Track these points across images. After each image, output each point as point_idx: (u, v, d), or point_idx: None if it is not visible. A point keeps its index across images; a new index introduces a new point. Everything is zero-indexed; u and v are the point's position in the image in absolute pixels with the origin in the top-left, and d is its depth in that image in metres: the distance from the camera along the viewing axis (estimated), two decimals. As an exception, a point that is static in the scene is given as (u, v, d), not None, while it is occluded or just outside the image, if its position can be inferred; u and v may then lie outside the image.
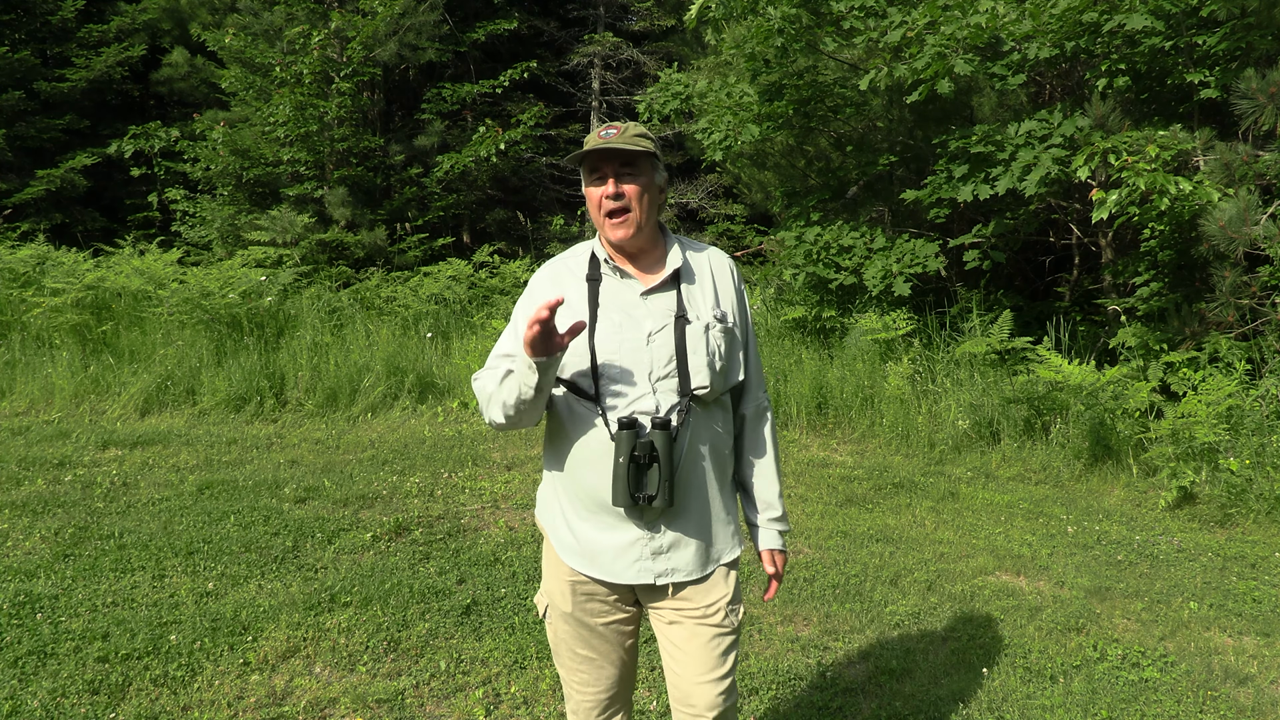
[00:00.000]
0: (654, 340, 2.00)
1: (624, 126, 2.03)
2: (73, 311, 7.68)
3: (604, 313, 2.03)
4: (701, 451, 2.04)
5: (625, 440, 1.93)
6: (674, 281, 2.07)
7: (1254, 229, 5.62)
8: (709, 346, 2.01)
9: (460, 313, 8.96)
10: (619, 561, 2.03)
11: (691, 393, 1.99)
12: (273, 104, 10.63)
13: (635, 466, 1.93)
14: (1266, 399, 5.73)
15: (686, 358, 1.99)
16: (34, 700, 2.95)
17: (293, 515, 4.71)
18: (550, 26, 15.40)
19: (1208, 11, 6.11)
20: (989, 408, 6.43)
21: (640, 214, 2.01)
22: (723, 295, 2.11)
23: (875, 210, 8.47)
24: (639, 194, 2.01)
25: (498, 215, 13.62)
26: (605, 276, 2.07)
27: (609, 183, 1.99)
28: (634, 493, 1.94)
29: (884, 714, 3.12)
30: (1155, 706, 3.24)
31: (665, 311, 2.04)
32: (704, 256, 2.16)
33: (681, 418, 1.99)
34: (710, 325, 2.03)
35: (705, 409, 2.04)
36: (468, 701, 3.08)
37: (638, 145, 1.98)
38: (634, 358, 1.99)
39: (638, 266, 2.09)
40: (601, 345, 2.00)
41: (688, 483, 2.03)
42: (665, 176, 2.12)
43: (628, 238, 2.01)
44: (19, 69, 12.76)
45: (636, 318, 2.02)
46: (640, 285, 2.05)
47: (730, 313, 2.10)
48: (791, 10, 7.33)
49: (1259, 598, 4.18)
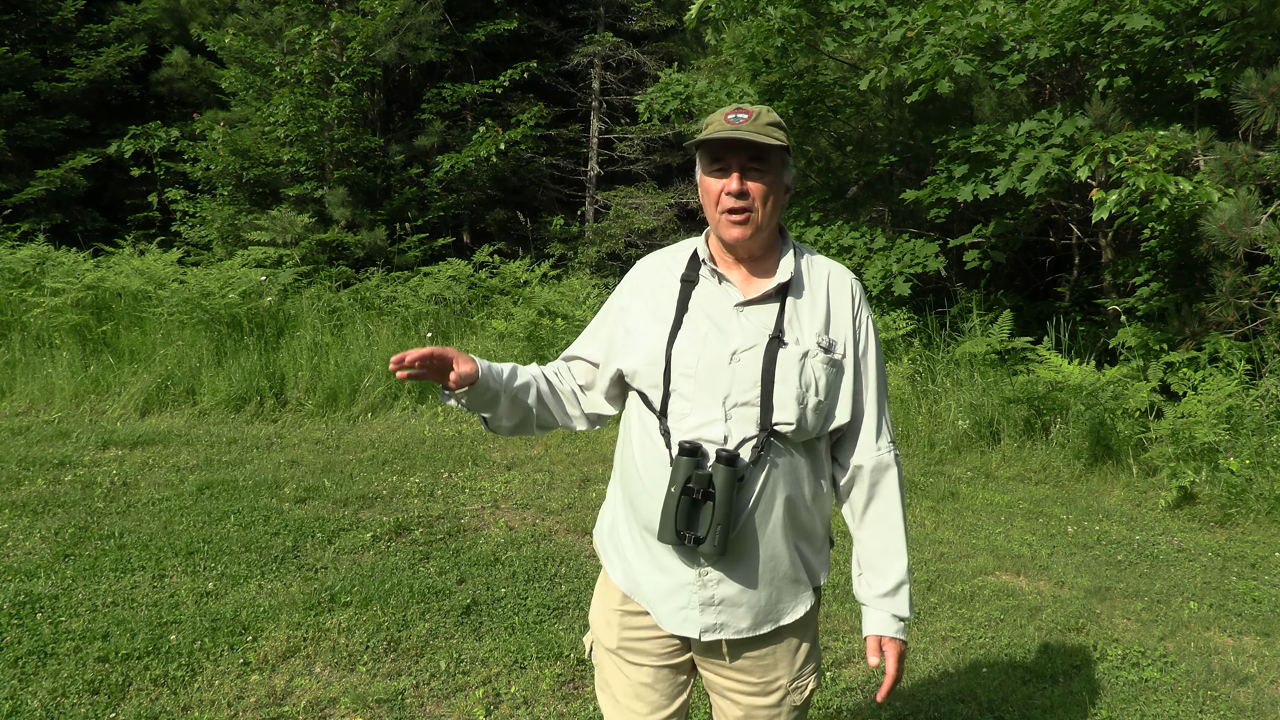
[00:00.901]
0: (739, 360, 1.73)
1: (756, 111, 1.76)
2: (73, 311, 7.67)
3: (690, 320, 1.79)
4: (776, 498, 1.74)
5: (682, 468, 1.68)
6: (779, 295, 1.79)
7: (1254, 229, 5.62)
8: (804, 377, 1.72)
9: (460, 313, 8.96)
10: (665, 605, 1.80)
11: (773, 428, 1.71)
12: (273, 104, 10.63)
13: (689, 500, 1.68)
14: (1266, 399, 5.73)
15: (773, 385, 1.71)
16: (34, 700, 2.95)
17: (293, 515, 4.71)
18: (550, 26, 15.39)
19: (1208, 11, 6.11)
20: (989, 408, 6.43)
21: (763, 216, 1.76)
22: (836, 320, 1.81)
23: (875, 210, 8.47)
24: (765, 194, 1.75)
25: (498, 215, 13.61)
26: (702, 279, 1.83)
27: (733, 177, 1.73)
28: (680, 530, 1.69)
29: (884, 714, 3.12)
30: (1155, 706, 3.24)
31: (760, 329, 1.76)
32: (823, 271, 1.85)
33: (755, 454, 1.71)
34: (811, 352, 1.74)
35: (790, 450, 1.75)
36: (468, 701, 3.08)
37: (772, 137, 1.72)
38: (712, 376, 1.73)
39: (744, 273, 1.83)
40: (679, 356, 1.75)
41: (752, 531, 1.74)
42: (794, 174, 1.86)
43: (744, 239, 1.76)
44: (19, 69, 12.75)
45: (726, 331, 1.76)
46: (738, 294, 1.79)
47: (842, 342, 1.79)
48: (791, 10, 7.33)
49: (1259, 598, 4.18)
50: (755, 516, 1.74)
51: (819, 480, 1.82)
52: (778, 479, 1.74)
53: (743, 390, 1.72)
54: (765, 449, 1.72)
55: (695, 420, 1.73)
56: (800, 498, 1.77)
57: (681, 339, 1.77)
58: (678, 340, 1.77)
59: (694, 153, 1.86)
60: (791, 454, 1.75)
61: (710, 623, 1.77)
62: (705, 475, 1.68)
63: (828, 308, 1.81)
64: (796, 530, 1.79)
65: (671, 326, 1.79)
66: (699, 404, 1.73)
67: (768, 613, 1.79)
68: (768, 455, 1.72)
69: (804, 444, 1.77)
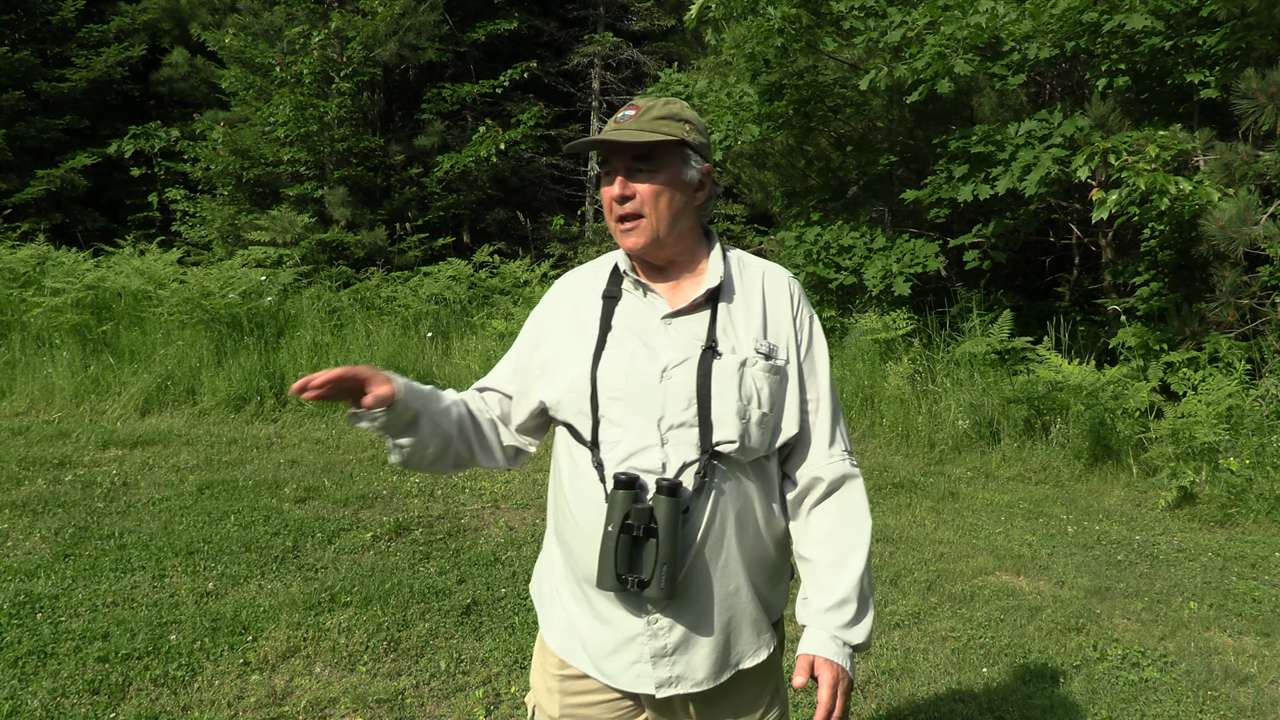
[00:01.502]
0: (670, 376, 1.56)
1: (647, 106, 1.61)
2: (73, 311, 7.67)
3: (615, 338, 1.62)
4: (727, 529, 1.57)
5: (619, 503, 1.50)
6: (710, 302, 1.63)
7: (1254, 229, 5.62)
8: (744, 389, 1.56)
9: (460, 313, 8.96)
10: (613, 661, 1.61)
11: (714, 449, 1.54)
12: (273, 104, 10.63)
13: (629, 539, 1.50)
14: (1266, 399, 5.73)
15: (710, 402, 1.54)
16: (34, 700, 2.95)
17: (293, 515, 4.71)
18: (550, 26, 15.40)
19: (1208, 11, 6.11)
20: (989, 408, 6.43)
21: (656, 220, 1.59)
22: (775, 322, 1.65)
23: (875, 210, 8.47)
24: (654, 195, 1.59)
25: (498, 215, 13.62)
26: (625, 294, 1.67)
27: (616, 182, 1.60)
28: (622, 573, 1.51)
29: (884, 714, 3.12)
30: (1155, 706, 3.24)
31: (691, 341, 1.60)
32: (757, 272, 1.70)
33: (699, 481, 1.54)
34: (750, 360, 1.58)
35: (737, 473, 1.58)
36: (468, 701, 3.08)
37: (655, 133, 1.56)
38: (643, 398, 1.56)
39: (668, 282, 1.67)
40: (605, 378, 1.59)
41: (703, 568, 1.57)
42: (704, 168, 1.65)
43: (639, 248, 1.61)
44: (19, 69, 12.75)
45: (654, 347, 1.60)
46: (665, 305, 1.63)
47: (784, 346, 1.63)
48: (791, 10, 7.33)
49: (1259, 598, 4.18)
50: (705, 551, 1.56)
51: (771, 504, 1.65)
52: (726, 506, 1.57)
53: (678, 410, 1.55)
54: (709, 473, 1.54)
55: (628, 448, 1.56)
56: (753, 526, 1.61)
57: (607, 360, 1.60)
58: (603, 361, 1.60)
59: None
60: (739, 477, 1.58)
61: (665, 676, 1.58)
62: (645, 509, 1.50)
63: (764, 310, 1.65)
64: (752, 563, 1.61)
65: (595, 347, 1.62)
66: (631, 429, 1.56)
67: (727, 659, 1.61)
68: (712, 480, 1.55)
69: (752, 464, 1.60)
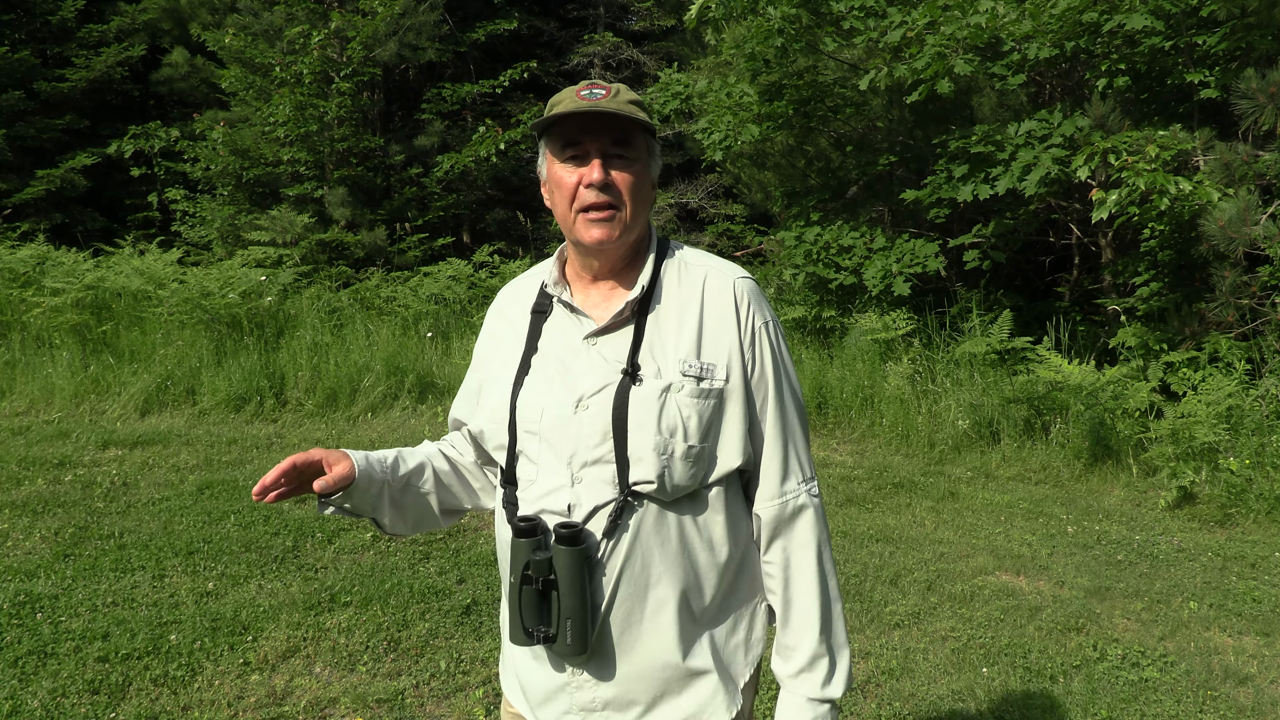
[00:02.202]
0: (586, 408, 1.39)
1: (614, 88, 1.43)
2: (73, 311, 7.67)
3: (539, 362, 1.46)
4: (651, 575, 1.39)
5: (520, 551, 1.37)
6: (639, 316, 1.43)
7: (1254, 229, 5.62)
8: (665, 419, 1.36)
9: (460, 313, 8.96)
10: (547, 708, 1.47)
11: (631, 488, 1.36)
12: (273, 104, 10.63)
13: (532, 590, 1.37)
14: (1266, 399, 5.73)
15: (626, 435, 1.36)
16: (34, 700, 2.95)
17: (293, 515, 4.71)
18: (550, 26, 15.40)
19: (1208, 11, 6.11)
20: (989, 408, 6.43)
21: (631, 213, 1.42)
22: (712, 336, 1.43)
23: (875, 210, 8.47)
24: (633, 186, 1.41)
25: (498, 215, 13.62)
26: (555, 308, 1.49)
27: (593, 165, 1.39)
28: (528, 626, 1.39)
29: (884, 714, 3.13)
30: (1155, 706, 3.24)
31: (613, 365, 1.41)
32: (698, 276, 1.47)
33: (610, 524, 1.37)
34: (675, 385, 1.38)
35: (668, 510, 1.39)
36: (468, 701, 3.08)
37: (639, 114, 1.40)
38: (559, 432, 1.40)
39: (604, 291, 1.49)
40: (523, 409, 1.43)
41: (627, 619, 1.40)
42: (659, 166, 1.51)
43: (610, 240, 1.41)
44: (19, 69, 12.75)
45: (574, 373, 1.42)
46: (590, 323, 1.45)
47: (724, 365, 1.41)
48: (791, 10, 7.33)
49: (1259, 598, 4.18)
50: (624, 602, 1.39)
51: (722, 544, 1.44)
52: (650, 551, 1.39)
53: (590, 445, 1.38)
54: (624, 515, 1.37)
55: (542, 488, 1.41)
56: (690, 571, 1.41)
57: (528, 388, 1.44)
58: (523, 389, 1.44)
59: (539, 140, 1.49)
60: (668, 517, 1.39)
61: None
62: (544, 560, 1.35)
63: (700, 323, 1.43)
64: (695, 612, 1.42)
65: (516, 372, 1.46)
66: (545, 467, 1.41)
67: (672, 717, 1.43)
68: (627, 523, 1.37)
69: (687, 500, 1.40)
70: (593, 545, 1.37)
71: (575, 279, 1.52)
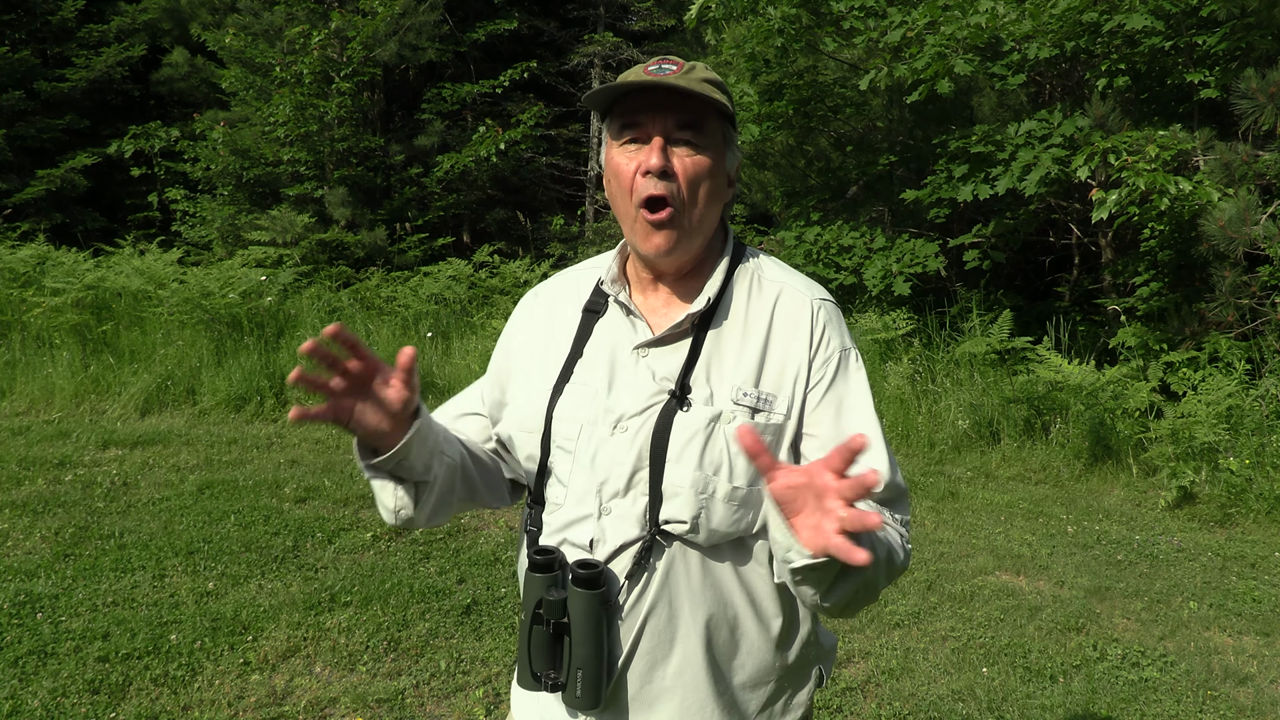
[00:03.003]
0: (624, 429, 1.22)
1: (688, 65, 1.22)
2: (73, 311, 7.67)
3: (584, 368, 1.28)
4: (679, 627, 1.22)
5: (534, 587, 1.22)
6: (699, 330, 1.25)
7: (1254, 229, 5.62)
8: (709, 453, 1.19)
9: (460, 313, 8.96)
10: None
11: (660, 527, 1.20)
12: (273, 104, 10.63)
13: (543, 632, 1.22)
14: (1266, 399, 5.73)
15: (663, 468, 1.19)
16: (34, 700, 2.95)
17: (293, 515, 4.71)
18: (550, 26, 15.40)
19: (1208, 11, 6.11)
20: (989, 408, 6.43)
21: (696, 213, 1.22)
22: (778, 364, 1.24)
23: (875, 210, 8.47)
24: (699, 177, 1.20)
25: (498, 215, 13.62)
26: (611, 308, 1.31)
27: (654, 145, 1.18)
28: (537, 671, 1.23)
29: (884, 714, 3.13)
30: (1155, 706, 3.24)
31: (660, 382, 1.23)
32: (771, 292, 1.28)
33: (635, 565, 1.20)
34: (725, 416, 1.20)
35: (707, 557, 1.22)
36: (468, 701, 3.08)
37: (709, 93, 1.18)
38: (593, 452, 1.23)
39: (666, 296, 1.30)
40: (559, 423, 1.27)
41: (649, 676, 1.24)
42: (739, 160, 1.30)
43: (670, 250, 1.22)
44: (19, 69, 12.75)
45: (619, 386, 1.25)
46: (646, 330, 1.27)
47: (784, 398, 1.22)
48: (791, 10, 7.33)
49: (1259, 598, 4.18)
50: (645, 655, 1.23)
51: (782, 595, 1.26)
52: (679, 601, 1.21)
53: (623, 474, 1.21)
54: (651, 555, 1.20)
55: (567, 515, 1.25)
56: (729, 626, 1.24)
57: (566, 398, 1.27)
58: (562, 398, 1.27)
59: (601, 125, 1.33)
60: (704, 562, 1.22)
61: None
62: (558, 601, 1.19)
63: (765, 346, 1.24)
64: (727, 676, 1.26)
65: (557, 378, 1.29)
66: (574, 492, 1.25)
67: None
68: (654, 564, 1.20)
69: (731, 546, 1.23)
70: (614, 590, 1.21)
71: (635, 279, 1.32)
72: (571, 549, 1.24)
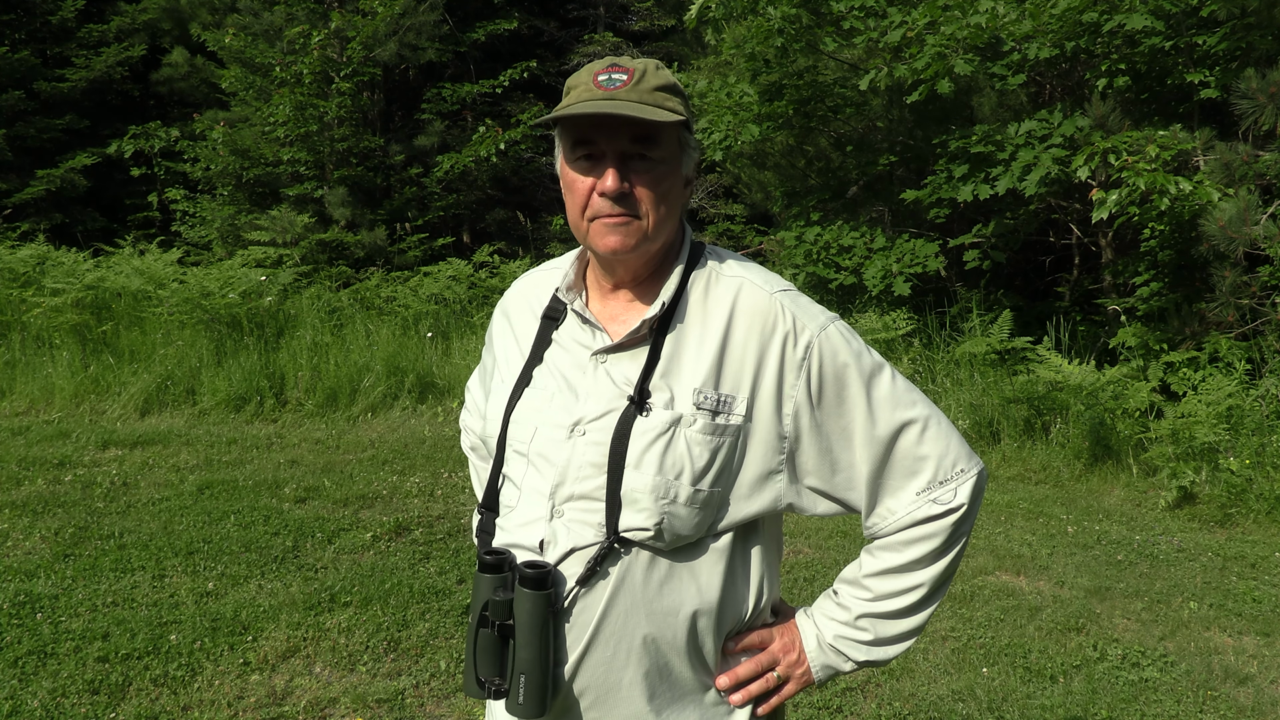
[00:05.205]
0: (583, 433, 1.23)
1: (639, 69, 1.21)
2: (73, 311, 7.67)
3: (542, 374, 1.30)
4: (634, 634, 1.21)
5: (481, 588, 1.21)
6: (658, 335, 1.25)
7: (1254, 229, 5.62)
8: (670, 458, 1.19)
9: (460, 313, 8.96)
10: None
11: (619, 534, 1.20)
12: (273, 104, 10.63)
13: (489, 635, 1.20)
14: (1266, 399, 5.73)
15: (621, 474, 1.19)
16: (34, 700, 2.95)
17: (293, 515, 4.71)
18: (550, 26, 15.40)
19: (1208, 11, 6.11)
20: (989, 408, 6.43)
21: (655, 221, 1.23)
22: (735, 364, 1.24)
23: (875, 210, 8.47)
24: (658, 194, 1.22)
25: (498, 215, 13.62)
26: (569, 315, 1.32)
27: (608, 173, 1.19)
28: (481, 676, 1.22)
29: (884, 714, 3.12)
30: (1155, 706, 3.24)
31: (621, 387, 1.24)
32: (726, 291, 1.28)
33: (588, 571, 1.19)
34: (685, 419, 1.20)
35: (664, 559, 1.22)
36: (468, 702, 3.08)
37: (662, 110, 1.18)
38: (547, 456, 1.24)
39: (624, 301, 1.31)
40: (515, 426, 1.29)
41: (598, 684, 1.22)
42: (698, 157, 1.31)
43: (626, 249, 1.22)
44: (19, 69, 12.75)
45: (578, 392, 1.26)
46: (604, 337, 1.28)
47: (743, 398, 1.22)
48: (791, 10, 7.33)
49: (1259, 598, 4.18)
50: (599, 665, 1.21)
51: (733, 598, 1.26)
52: (636, 608, 1.20)
53: (580, 478, 1.21)
54: (606, 561, 1.19)
55: (519, 518, 1.26)
56: (687, 630, 1.23)
57: (524, 401, 1.29)
58: (520, 402, 1.30)
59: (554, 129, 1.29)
60: (660, 563, 1.22)
61: None
62: (504, 602, 1.18)
63: (722, 344, 1.23)
64: (689, 681, 1.26)
65: (515, 383, 1.31)
66: (527, 494, 1.25)
67: None
68: (608, 570, 1.20)
69: (693, 546, 1.23)
70: (561, 592, 1.20)
71: (594, 284, 1.34)
72: (521, 551, 1.24)
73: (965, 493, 1.26)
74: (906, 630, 1.31)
